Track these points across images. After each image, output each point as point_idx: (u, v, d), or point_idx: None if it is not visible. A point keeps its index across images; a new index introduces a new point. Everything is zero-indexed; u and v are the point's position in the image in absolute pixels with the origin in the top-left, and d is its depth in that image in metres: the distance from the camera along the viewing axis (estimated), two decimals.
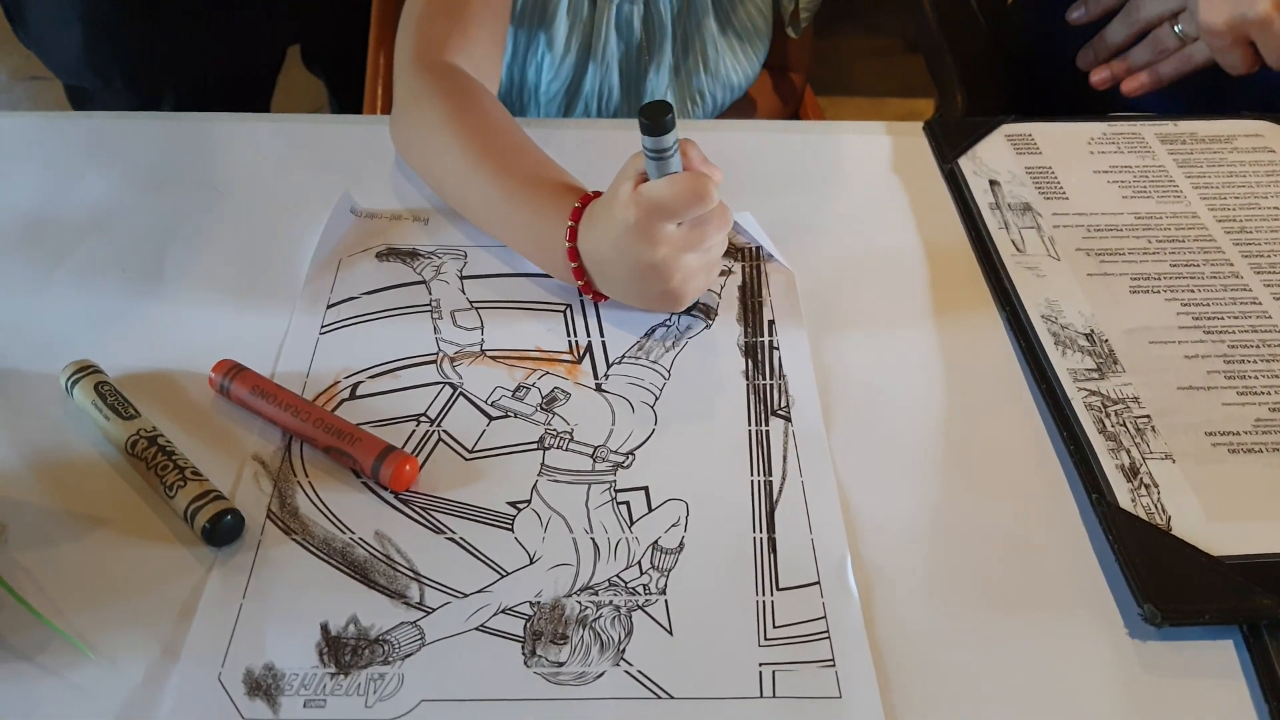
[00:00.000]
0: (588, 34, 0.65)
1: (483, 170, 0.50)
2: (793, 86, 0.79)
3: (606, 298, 0.49)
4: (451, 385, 0.46)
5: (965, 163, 0.59)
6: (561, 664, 0.36)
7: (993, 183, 0.57)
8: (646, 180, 0.45)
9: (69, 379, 0.44)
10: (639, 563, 0.39)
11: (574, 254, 0.48)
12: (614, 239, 0.45)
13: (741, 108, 0.75)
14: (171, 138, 0.60)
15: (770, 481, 0.43)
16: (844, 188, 0.59)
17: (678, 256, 0.45)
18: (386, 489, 0.42)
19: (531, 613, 0.37)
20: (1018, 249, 0.53)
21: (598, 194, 0.48)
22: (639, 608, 0.38)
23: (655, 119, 0.43)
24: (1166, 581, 0.38)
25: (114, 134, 0.60)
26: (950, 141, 0.60)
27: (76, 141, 0.60)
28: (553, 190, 0.49)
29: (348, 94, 1.03)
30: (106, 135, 0.60)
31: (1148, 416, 0.44)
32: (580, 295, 0.50)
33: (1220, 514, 0.41)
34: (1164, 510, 0.41)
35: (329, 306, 0.50)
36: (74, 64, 0.84)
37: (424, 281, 0.51)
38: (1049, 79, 0.86)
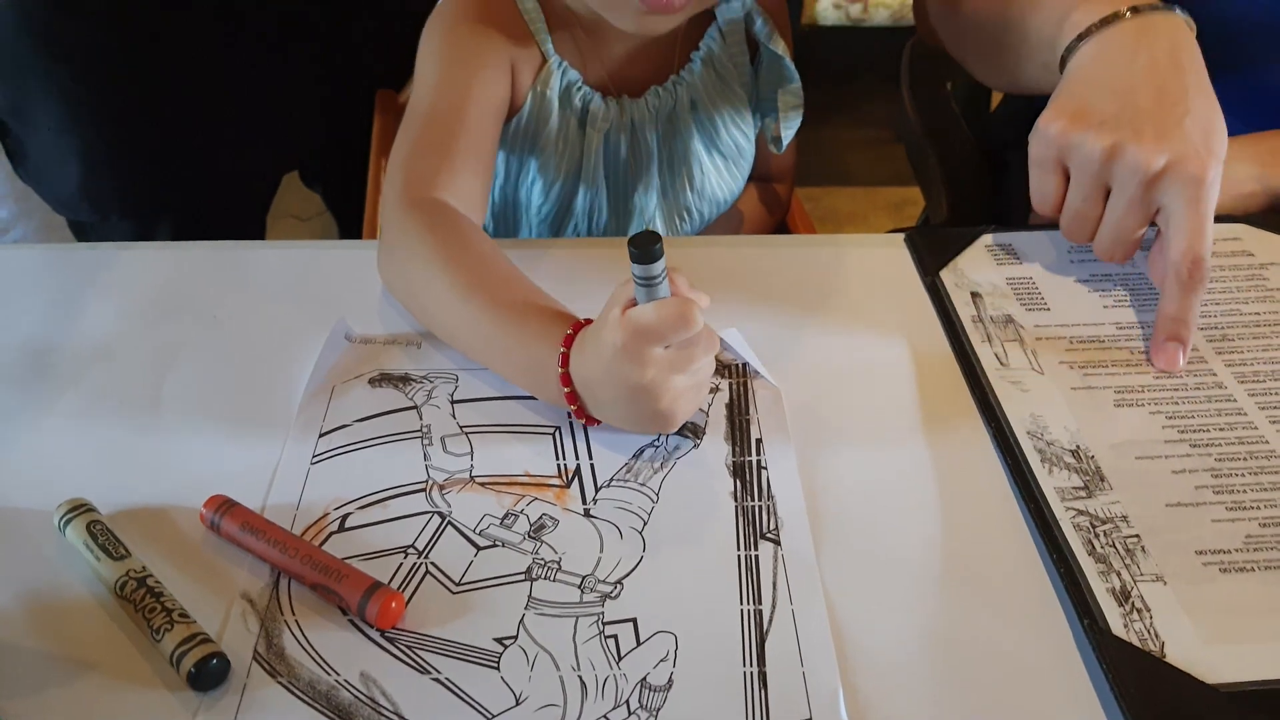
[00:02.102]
0: (577, 160, 0.67)
1: (474, 302, 0.51)
2: (778, 197, 0.81)
3: (600, 422, 0.50)
4: (440, 514, 0.46)
5: (947, 275, 0.60)
6: None
7: (974, 295, 0.58)
8: (635, 305, 0.46)
9: (61, 518, 0.45)
10: (626, 702, 0.39)
11: (567, 379, 0.48)
12: (604, 363, 0.46)
13: (729, 220, 0.77)
14: (173, 266, 0.62)
15: (760, 610, 0.42)
16: (829, 301, 0.60)
17: (666, 378, 0.46)
18: (373, 626, 0.41)
19: None
20: (1001, 362, 0.54)
21: (588, 321, 0.49)
22: None
23: (644, 248, 0.44)
24: (1163, 714, 0.37)
25: (117, 264, 0.62)
26: (932, 253, 0.62)
27: (80, 272, 0.61)
28: (544, 318, 0.50)
29: (346, 208, 1.06)
30: (109, 266, 0.62)
31: (1137, 536, 0.44)
32: (571, 418, 0.51)
33: (1215, 638, 0.40)
34: (1157, 636, 0.40)
35: (321, 435, 0.50)
36: (72, 199, 0.87)
37: (415, 407, 0.52)
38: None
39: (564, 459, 0.50)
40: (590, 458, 0.50)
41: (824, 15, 1.68)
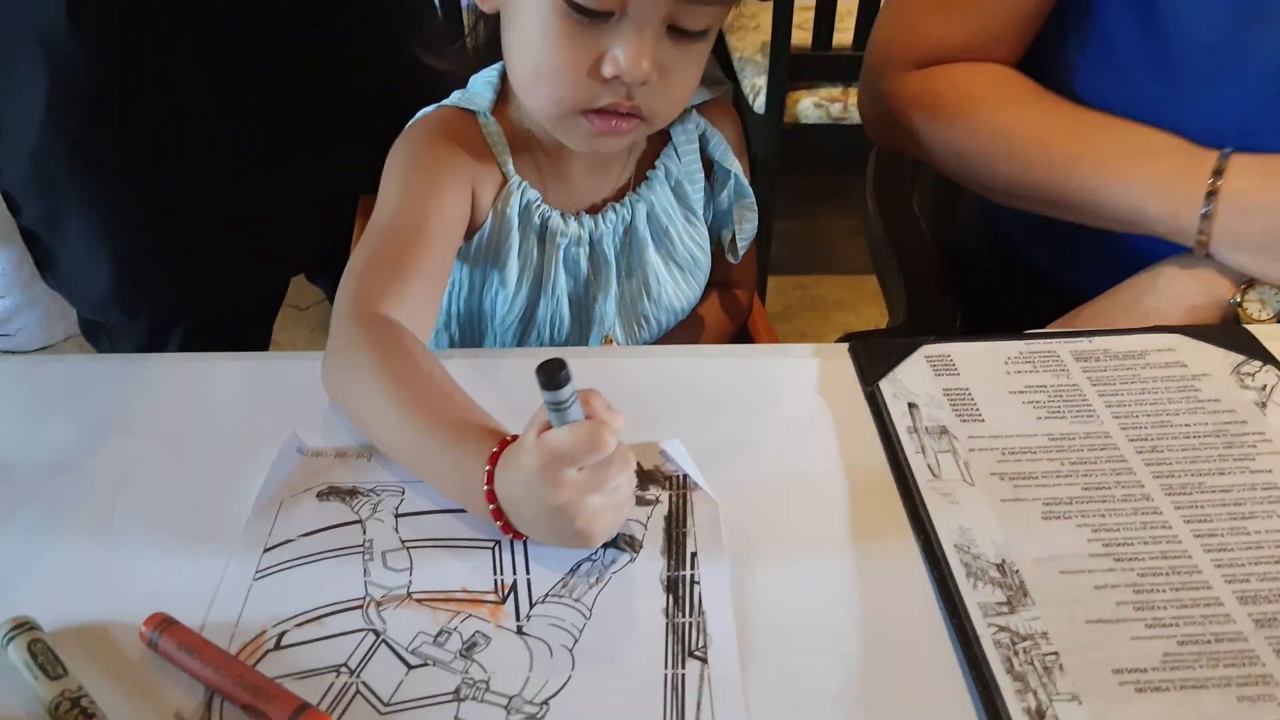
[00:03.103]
0: (538, 272, 0.70)
1: (412, 417, 0.53)
2: (738, 303, 0.83)
3: (526, 536, 0.51)
4: (375, 632, 0.47)
5: (886, 385, 0.62)
6: None
7: (911, 405, 0.60)
8: (551, 428, 0.48)
9: (4, 636, 0.46)
10: None
11: (491, 496, 0.50)
12: (522, 483, 0.48)
13: (689, 326, 0.79)
14: (134, 379, 0.64)
15: None
16: (772, 412, 0.62)
17: (581, 499, 0.48)
18: None
19: None
20: (934, 474, 0.55)
21: (515, 438, 0.51)
22: None
23: (551, 375, 0.46)
24: None
25: (79, 378, 0.64)
26: (872, 364, 0.63)
27: (43, 386, 0.63)
28: (475, 435, 0.52)
29: None
30: (71, 379, 0.64)
31: (1055, 653, 0.45)
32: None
33: None
34: None
35: (265, 550, 0.52)
36: (101, 301, 0.91)
37: (360, 521, 0.54)
38: (995, 293, 0.91)
39: (501, 574, 0.51)
40: (528, 573, 0.51)
41: (805, 114, 1.74)
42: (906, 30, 0.77)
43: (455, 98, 0.69)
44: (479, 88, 0.69)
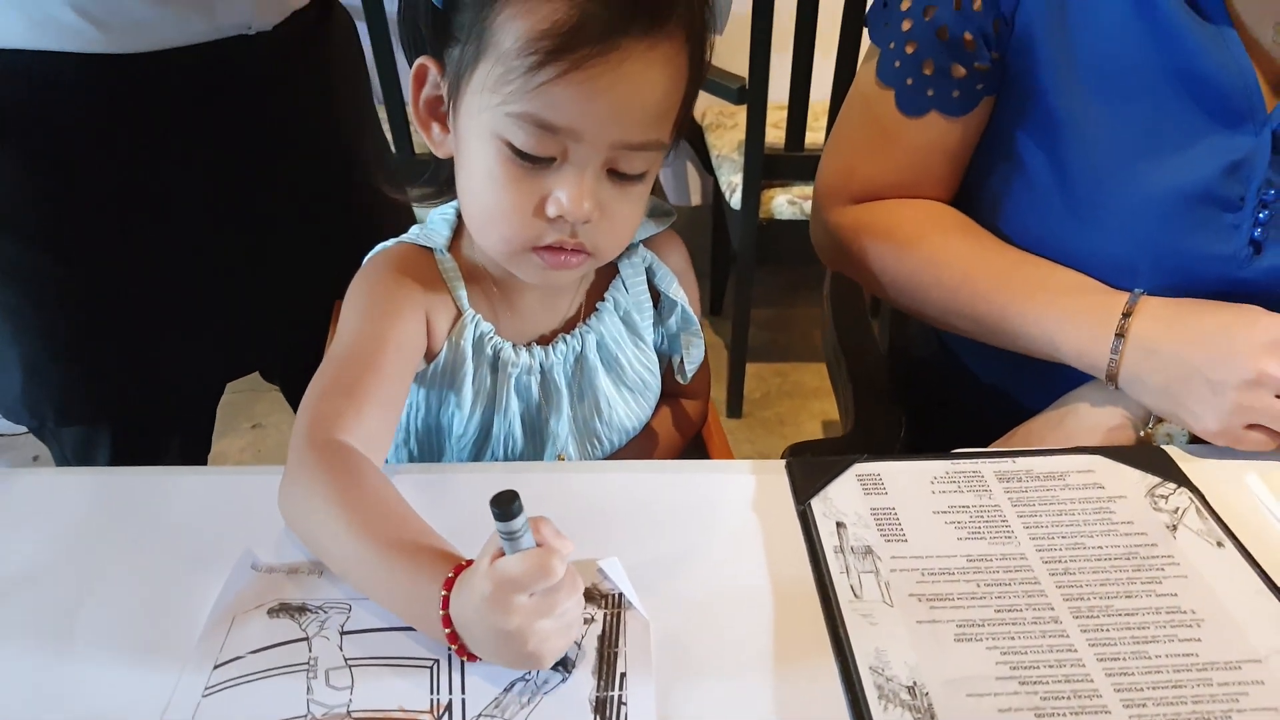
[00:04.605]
0: (491, 397, 0.74)
1: (365, 541, 0.56)
2: (690, 417, 0.87)
3: (479, 658, 0.54)
4: None
5: (817, 504, 0.65)
6: None
7: (839, 525, 0.63)
8: (503, 555, 0.51)
9: None
10: None
11: (447, 620, 0.53)
12: (475, 608, 0.51)
13: (642, 439, 0.83)
14: (97, 494, 0.67)
15: None
16: (710, 528, 0.65)
17: (531, 623, 0.50)
18: None
19: None
20: (855, 594, 0.58)
21: (469, 562, 0.54)
22: None
23: (504, 507, 0.49)
24: None
25: (44, 492, 0.67)
26: (806, 481, 0.67)
27: (6, 500, 0.66)
28: (430, 560, 0.55)
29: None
30: (38, 493, 0.67)
31: None
32: (451, 653, 0.55)
33: None
34: None
35: (215, 666, 0.54)
36: (13, 406, 0.92)
37: (307, 639, 0.56)
38: (945, 397, 0.95)
39: (438, 693, 0.53)
40: (463, 692, 0.53)
41: (779, 210, 1.82)
42: (846, 169, 0.83)
43: (413, 234, 0.74)
44: (436, 224, 0.73)
